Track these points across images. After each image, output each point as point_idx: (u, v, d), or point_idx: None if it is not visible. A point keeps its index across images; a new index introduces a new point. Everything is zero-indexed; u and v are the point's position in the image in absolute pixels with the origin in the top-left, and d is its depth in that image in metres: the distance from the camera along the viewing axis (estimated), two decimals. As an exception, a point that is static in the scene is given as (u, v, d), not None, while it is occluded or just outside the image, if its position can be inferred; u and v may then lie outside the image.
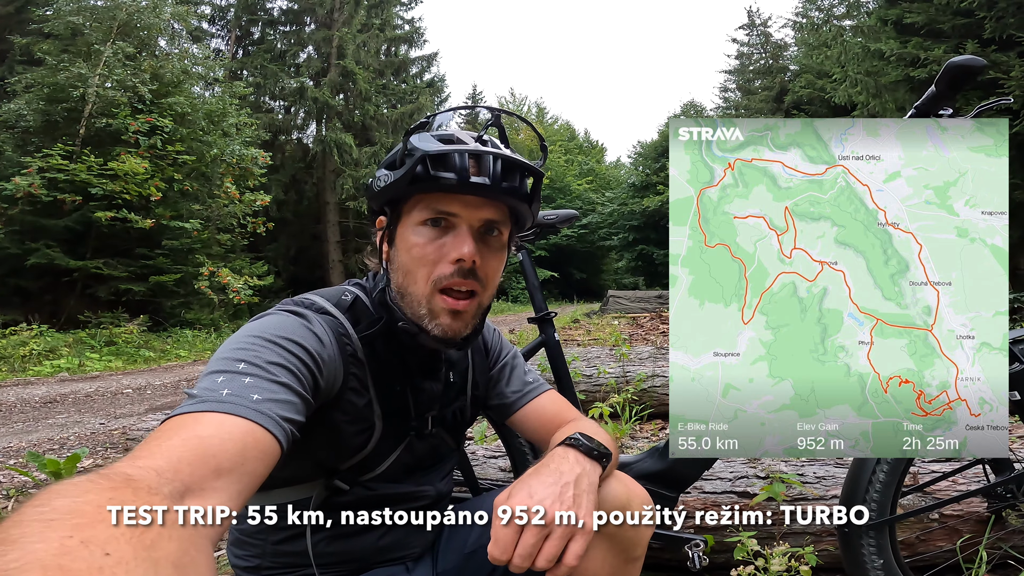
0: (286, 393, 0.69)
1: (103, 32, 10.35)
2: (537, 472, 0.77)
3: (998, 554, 1.45)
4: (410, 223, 0.86)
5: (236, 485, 0.57)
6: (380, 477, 0.93)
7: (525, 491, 0.73)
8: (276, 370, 0.70)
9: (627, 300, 13.63)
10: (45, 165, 8.90)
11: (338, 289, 0.93)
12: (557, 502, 0.71)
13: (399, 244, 0.87)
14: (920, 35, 9.42)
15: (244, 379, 0.66)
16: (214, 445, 0.57)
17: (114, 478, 0.45)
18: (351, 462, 0.89)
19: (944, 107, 1.19)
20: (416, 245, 0.84)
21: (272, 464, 0.63)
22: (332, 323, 0.85)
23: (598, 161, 45.52)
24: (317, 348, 0.78)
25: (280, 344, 0.74)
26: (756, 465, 1.69)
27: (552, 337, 1.54)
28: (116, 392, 5.34)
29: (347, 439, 0.86)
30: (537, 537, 0.69)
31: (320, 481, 0.89)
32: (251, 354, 0.70)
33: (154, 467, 0.51)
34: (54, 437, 3.68)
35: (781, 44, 27.27)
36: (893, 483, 1.26)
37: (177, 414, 0.62)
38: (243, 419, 0.62)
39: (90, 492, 0.42)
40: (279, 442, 0.64)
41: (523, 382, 1.11)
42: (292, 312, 0.82)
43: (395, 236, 0.88)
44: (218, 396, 0.63)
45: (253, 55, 19.91)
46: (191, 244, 10.67)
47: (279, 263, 17.96)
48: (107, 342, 8.55)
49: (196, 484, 0.53)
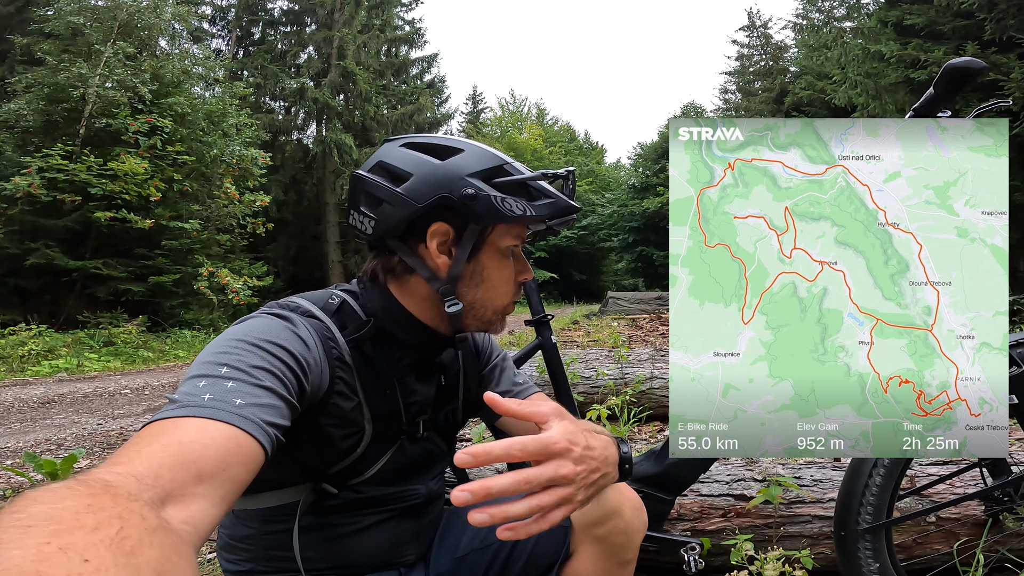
0: (270, 397, 0.67)
1: (104, 32, 10.37)
2: (592, 433, 0.75)
3: (995, 557, 1.44)
4: (500, 245, 0.91)
5: (218, 491, 0.56)
6: (370, 481, 0.92)
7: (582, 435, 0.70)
8: (260, 374, 0.69)
9: (627, 301, 13.64)
10: (45, 165, 8.92)
11: (325, 292, 0.92)
12: (585, 472, 0.69)
13: (486, 261, 0.90)
14: (920, 37, 9.44)
15: (226, 384, 0.65)
16: (195, 450, 0.56)
17: (93, 484, 0.44)
18: (340, 466, 0.88)
19: (943, 109, 1.18)
20: (507, 267, 0.93)
21: (256, 469, 0.62)
22: (317, 326, 0.83)
23: (598, 162, 45.57)
24: (302, 351, 0.77)
25: (264, 348, 0.72)
26: (753, 468, 1.69)
27: (549, 339, 1.53)
28: (114, 392, 5.33)
29: (335, 443, 0.85)
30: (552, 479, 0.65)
31: (308, 485, 0.88)
32: (234, 358, 0.69)
33: (134, 473, 0.50)
34: (51, 437, 3.67)
35: (781, 46, 27.32)
36: (890, 486, 1.25)
37: (158, 419, 0.60)
38: (225, 424, 0.60)
39: (68, 498, 0.41)
40: (263, 447, 0.63)
41: (512, 383, 1.12)
42: (276, 315, 0.81)
43: (479, 251, 0.90)
44: (199, 401, 0.62)
45: (253, 55, 19.94)
46: (190, 244, 10.67)
47: (279, 264, 17.98)
48: (106, 342, 8.56)
49: (177, 490, 0.52)
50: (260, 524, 0.89)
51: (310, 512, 0.89)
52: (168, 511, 0.50)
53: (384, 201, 0.87)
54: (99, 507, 0.41)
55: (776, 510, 1.53)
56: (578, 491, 0.67)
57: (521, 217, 0.86)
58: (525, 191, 0.88)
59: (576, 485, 0.67)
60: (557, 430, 0.67)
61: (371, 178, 0.89)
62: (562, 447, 0.65)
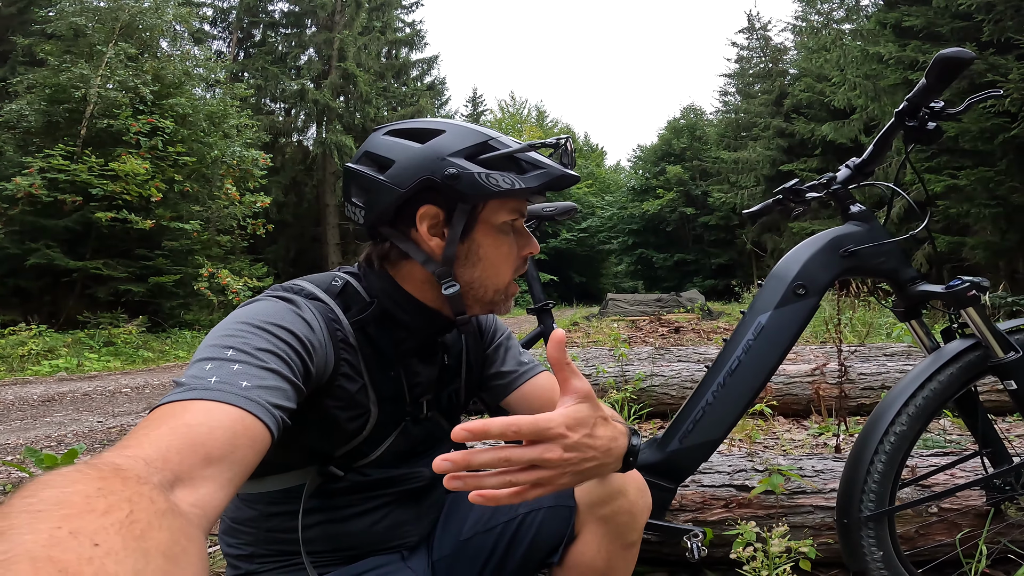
0: (276, 380, 0.68)
1: (105, 33, 10.38)
2: (605, 423, 0.72)
3: (998, 548, 1.44)
4: (495, 221, 0.89)
5: (226, 473, 0.56)
6: (375, 463, 0.92)
7: (588, 424, 0.68)
8: (265, 356, 0.69)
9: (626, 303, 13.65)
10: (46, 165, 8.92)
11: (328, 275, 0.92)
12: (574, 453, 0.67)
13: (480, 239, 0.89)
14: (919, 38, 9.47)
15: (233, 366, 0.65)
16: (203, 433, 0.56)
17: (102, 468, 0.44)
18: (346, 448, 0.88)
19: (935, 99, 1.19)
20: (505, 243, 0.91)
21: (263, 452, 0.63)
22: (322, 308, 0.84)
23: (598, 165, 45.66)
24: (307, 334, 0.77)
25: (269, 330, 0.73)
26: (754, 458, 1.69)
27: (550, 326, 1.54)
28: (114, 391, 5.33)
29: (341, 425, 0.86)
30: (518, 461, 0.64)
31: (314, 468, 0.89)
32: (239, 341, 0.69)
33: (143, 456, 0.50)
34: (52, 435, 3.67)
35: (781, 48, 27.36)
36: (891, 474, 1.25)
37: (165, 403, 0.61)
38: (232, 407, 0.61)
39: (78, 482, 0.41)
40: (269, 430, 0.63)
41: (518, 362, 1.11)
42: (280, 298, 0.81)
43: (472, 230, 0.88)
44: (206, 384, 0.62)
45: (254, 57, 19.99)
46: (191, 245, 10.68)
47: (279, 265, 18.00)
48: (106, 342, 8.55)
49: (186, 473, 0.52)
50: (264, 507, 0.90)
51: (315, 495, 0.89)
52: (177, 494, 0.50)
53: (371, 190, 0.87)
54: (109, 491, 0.41)
55: (778, 500, 1.53)
56: (561, 476, 0.67)
57: (509, 191, 0.84)
58: (515, 165, 0.87)
59: (560, 470, 0.66)
60: (561, 414, 0.66)
61: (358, 168, 0.89)
62: (556, 432, 0.64)
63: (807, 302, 1.29)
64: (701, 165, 30.59)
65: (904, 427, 1.24)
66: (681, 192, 31.29)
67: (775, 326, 1.28)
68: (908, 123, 1.23)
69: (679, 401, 3.30)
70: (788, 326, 1.28)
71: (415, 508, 0.99)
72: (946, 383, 1.26)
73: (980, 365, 1.26)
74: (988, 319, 1.24)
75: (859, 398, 3.12)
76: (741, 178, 24.80)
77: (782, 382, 3.26)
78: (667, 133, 34.76)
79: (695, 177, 31.27)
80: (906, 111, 1.23)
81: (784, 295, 1.29)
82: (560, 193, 20.74)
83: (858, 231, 1.32)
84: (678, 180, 31.35)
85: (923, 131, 1.22)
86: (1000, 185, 7.95)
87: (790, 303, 1.28)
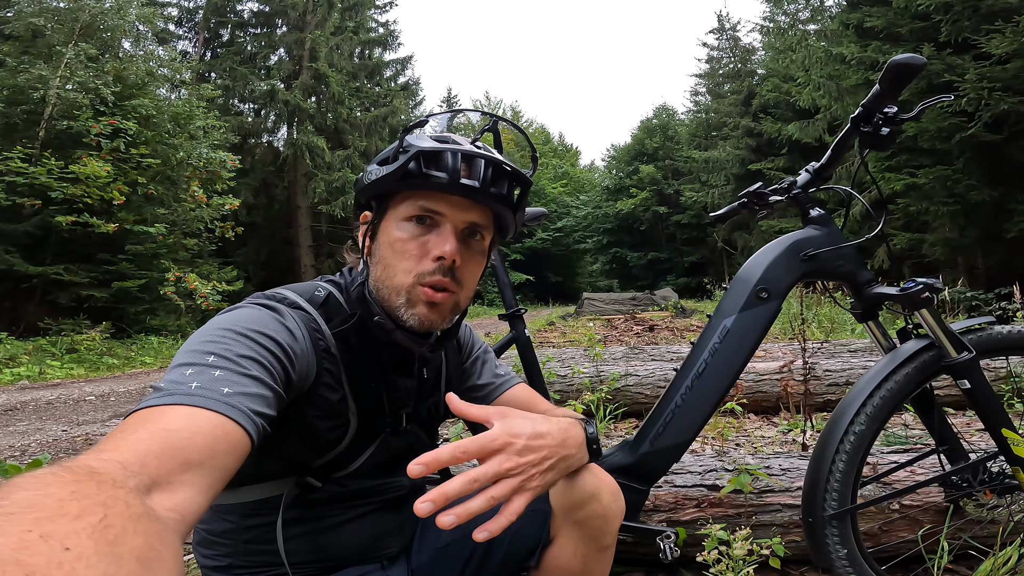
0: (257, 387, 0.67)
1: (65, 34, 10.06)
2: (545, 420, 0.77)
3: (959, 544, 1.48)
4: (395, 218, 0.86)
5: (205, 479, 0.56)
6: (354, 474, 0.92)
7: (528, 426, 0.73)
8: (247, 363, 0.68)
9: (602, 302, 13.74)
10: (3, 168, 8.60)
11: (311, 284, 0.92)
12: (535, 458, 0.71)
13: (382, 238, 0.87)
14: (880, 39, 9.73)
15: (214, 372, 0.65)
16: (183, 438, 0.56)
17: (77, 471, 0.44)
18: (324, 459, 0.88)
19: (888, 105, 1.23)
20: (399, 240, 0.85)
21: (242, 458, 0.62)
22: (304, 318, 0.83)
23: (572, 164, 45.94)
24: (289, 342, 0.77)
25: (251, 337, 0.72)
26: (724, 457, 1.72)
27: (522, 333, 1.55)
28: (79, 399, 5.18)
29: (321, 435, 0.85)
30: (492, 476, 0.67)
31: (291, 478, 0.88)
32: (221, 347, 0.69)
33: (119, 460, 0.50)
34: (15, 444, 3.55)
35: (749, 48, 27.86)
36: (852, 472, 1.27)
37: (144, 407, 0.60)
38: (213, 412, 0.60)
39: (52, 485, 0.40)
40: (250, 436, 0.62)
41: (494, 375, 1.13)
42: (263, 306, 0.81)
43: (379, 230, 0.88)
44: (187, 389, 0.62)
45: (222, 57, 19.56)
46: (156, 249, 10.41)
47: (249, 268, 17.65)
48: (68, 349, 8.28)
49: (163, 478, 0.52)
50: (240, 518, 0.89)
51: (293, 505, 0.89)
52: (154, 499, 0.50)
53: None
54: (83, 494, 0.40)
55: (747, 499, 1.56)
56: (531, 479, 0.69)
57: (380, 180, 0.85)
58: (395, 160, 0.86)
59: (525, 473, 0.69)
60: (497, 427, 0.70)
61: None
62: (500, 443, 0.68)
63: (770, 305, 1.32)
64: (673, 164, 31.00)
65: (863, 426, 1.27)
66: (654, 191, 31.65)
67: (740, 329, 1.31)
68: (863, 129, 1.26)
69: (653, 400, 3.33)
70: (752, 329, 1.31)
71: (395, 518, 0.99)
72: (902, 383, 1.29)
73: (935, 365, 1.29)
74: (941, 320, 1.28)
75: (825, 394, 3.20)
76: (712, 177, 25.19)
77: (752, 380, 3.32)
78: (640, 133, 35.11)
79: (667, 176, 31.67)
80: (861, 117, 1.26)
81: (748, 299, 1.31)
82: (536, 195, 20.70)
83: (817, 235, 1.35)
84: (651, 179, 31.70)
85: (877, 136, 1.25)
86: (958, 183, 8.21)
87: (753, 307, 1.31)
